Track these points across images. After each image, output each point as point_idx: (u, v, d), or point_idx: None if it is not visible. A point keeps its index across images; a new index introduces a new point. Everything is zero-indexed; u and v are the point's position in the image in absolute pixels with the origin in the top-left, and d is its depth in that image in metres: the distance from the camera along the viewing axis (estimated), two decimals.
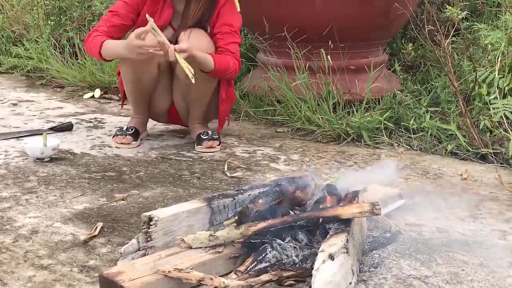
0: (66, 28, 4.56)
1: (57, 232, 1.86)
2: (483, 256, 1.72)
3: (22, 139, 2.85)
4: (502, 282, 1.57)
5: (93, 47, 2.61)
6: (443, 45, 2.94)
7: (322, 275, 1.40)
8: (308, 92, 3.09)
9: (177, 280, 1.45)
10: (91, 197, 2.16)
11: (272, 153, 2.73)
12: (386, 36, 3.51)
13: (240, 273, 1.52)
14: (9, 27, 5.09)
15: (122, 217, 1.98)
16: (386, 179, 2.16)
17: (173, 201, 2.12)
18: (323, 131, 2.96)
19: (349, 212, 1.64)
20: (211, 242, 1.57)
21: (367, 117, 2.94)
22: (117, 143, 2.77)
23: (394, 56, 3.73)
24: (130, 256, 1.61)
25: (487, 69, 2.92)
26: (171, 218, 1.64)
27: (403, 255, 1.71)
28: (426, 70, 3.55)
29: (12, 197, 2.14)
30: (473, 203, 2.13)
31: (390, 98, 3.13)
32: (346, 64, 3.15)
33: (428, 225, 1.95)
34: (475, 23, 3.42)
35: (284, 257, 1.57)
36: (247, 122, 3.29)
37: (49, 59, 4.38)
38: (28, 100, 3.80)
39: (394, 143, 2.82)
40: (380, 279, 1.57)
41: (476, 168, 2.53)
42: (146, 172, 2.45)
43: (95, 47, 2.60)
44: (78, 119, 3.31)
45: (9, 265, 1.64)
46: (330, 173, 2.43)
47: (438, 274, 1.61)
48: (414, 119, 2.89)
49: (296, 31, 3.10)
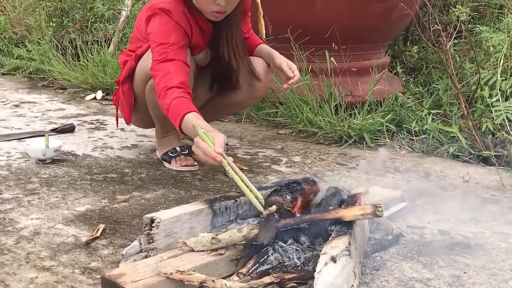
0: (68, 30, 4.57)
1: (59, 233, 1.86)
2: (485, 258, 1.72)
3: (24, 140, 2.85)
4: (504, 284, 1.57)
5: (174, 115, 2.10)
6: (445, 47, 2.93)
7: (324, 277, 1.40)
8: (310, 94, 3.09)
9: (179, 282, 1.44)
10: (93, 199, 2.16)
11: (274, 155, 2.73)
12: (388, 39, 3.51)
13: (242, 275, 1.52)
14: (11, 29, 5.09)
15: (124, 218, 1.98)
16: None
17: (175, 203, 2.12)
18: (325, 133, 2.96)
19: (351, 214, 1.64)
20: (213, 245, 1.57)
21: (369, 119, 2.94)
22: (180, 166, 2.52)
23: (396, 59, 3.73)
24: (132, 258, 1.61)
25: (489, 72, 2.92)
26: (173, 220, 1.64)
27: (405, 258, 1.71)
28: (428, 73, 3.55)
29: (14, 199, 2.14)
30: (475, 205, 2.13)
31: (392, 100, 3.13)
32: (348, 66, 3.15)
33: (430, 227, 1.94)
34: (478, 25, 3.42)
35: (286, 259, 1.57)
36: (249, 124, 3.29)
37: (51, 60, 4.38)
38: (30, 102, 3.80)
39: (396, 146, 2.82)
40: (382, 282, 1.57)
41: (478, 171, 2.53)
42: (148, 174, 2.45)
43: (176, 116, 2.09)
44: (80, 121, 3.31)
45: (11, 266, 1.64)
46: (332, 175, 2.43)
47: (440, 277, 1.60)
48: (416, 121, 2.89)
49: (298, 33, 3.11)
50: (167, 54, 2.23)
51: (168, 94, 2.14)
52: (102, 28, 4.53)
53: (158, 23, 2.29)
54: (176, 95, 2.13)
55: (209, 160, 1.87)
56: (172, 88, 2.15)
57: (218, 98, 2.66)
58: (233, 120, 3.35)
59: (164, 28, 2.28)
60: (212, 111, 2.70)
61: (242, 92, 2.59)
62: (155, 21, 2.31)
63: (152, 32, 2.30)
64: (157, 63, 2.24)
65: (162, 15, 2.28)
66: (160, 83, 2.19)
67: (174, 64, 2.22)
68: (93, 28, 4.56)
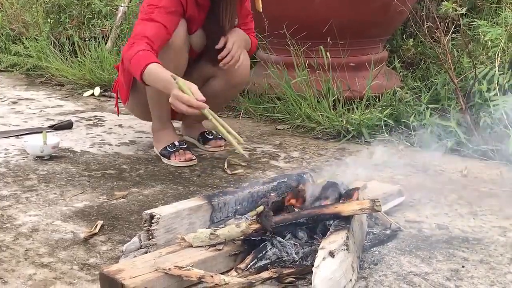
0: (66, 26, 4.56)
1: (57, 230, 1.86)
2: (483, 252, 1.72)
3: (22, 137, 2.85)
4: (502, 278, 1.57)
5: (136, 64, 2.22)
6: (442, 42, 2.93)
7: (322, 272, 1.40)
8: (308, 89, 3.09)
9: (177, 277, 1.45)
10: (91, 195, 2.16)
11: (272, 151, 2.73)
12: (386, 33, 3.51)
13: (241, 270, 1.52)
14: (8, 25, 5.08)
15: (122, 215, 1.99)
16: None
17: (173, 198, 2.12)
18: (323, 128, 2.96)
19: (349, 209, 1.64)
20: (211, 241, 1.57)
21: (367, 114, 2.94)
22: (179, 162, 2.50)
23: (394, 53, 3.73)
24: (132, 254, 1.61)
25: (487, 66, 2.91)
26: (172, 215, 1.64)
27: (403, 252, 1.71)
28: (426, 67, 3.54)
29: (12, 195, 2.14)
30: (473, 199, 2.13)
31: (390, 95, 3.13)
32: (346, 61, 3.15)
33: (428, 222, 1.95)
34: (475, 19, 3.41)
35: (284, 254, 1.58)
36: (247, 120, 3.29)
37: (49, 57, 4.38)
38: (28, 98, 3.80)
39: (394, 140, 2.82)
40: (381, 276, 1.57)
41: (476, 165, 2.53)
42: (146, 170, 2.45)
43: (137, 65, 2.21)
44: (78, 117, 3.31)
45: (10, 263, 1.64)
46: (331, 170, 2.43)
47: (439, 271, 1.61)
48: (414, 116, 2.89)
49: (295, 28, 3.10)
50: (151, 14, 2.32)
51: (135, 46, 2.24)
52: (100, 24, 4.52)
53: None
54: (142, 48, 2.23)
55: (193, 111, 2.05)
56: (141, 44, 2.25)
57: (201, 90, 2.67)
58: (232, 115, 3.35)
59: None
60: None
61: (220, 80, 2.60)
62: None
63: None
64: (140, 21, 2.34)
65: None
66: (133, 37, 2.30)
67: (153, 27, 2.30)
68: (91, 25, 4.55)
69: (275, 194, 1.78)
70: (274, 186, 1.85)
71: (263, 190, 1.84)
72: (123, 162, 2.54)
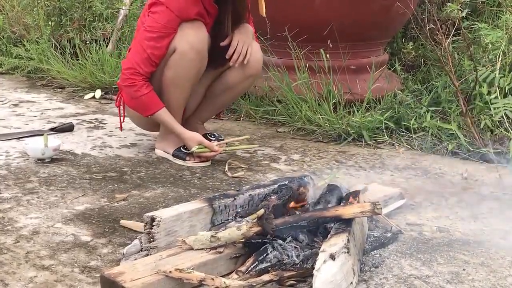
0: (67, 29, 4.56)
1: (58, 232, 1.86)
2: (484, 255, 1.72)
3: (23, 139, 2.85)
4: (503, 281, 1.57)
5: (142, 107, 2.49)
6: (443, 44, 2.93)
7: (323, 275, 1.40)
8: (309, 92, 3.09)
9: (178, 280, 1.45)
10: (92, 198, 2.16)
11: (272, 153, 2.73)
12: (387, 36, 3.51)
13: (241, 273, 1.52)
14: (9, 28, 5.09)
15: (123, 217, 1.98)
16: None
17: (174, 201, 2.12)
18: (324, 131, 2.96)
19: (350, 211, 1.64)
20: (212, 244, 1.57)
21: (367, 117, 2.94)
22: (195, 163, 2.54)
23: (395, 56, 3.73)
24: (133, 256, 1.61)
25: (487, 69, 2.92)
26: (173, 218, 1.64)
27: (404, 255, 1.71)
28: (427, 70, 3.55)
29: (13, 198, 2.14)
30: (474, 202, 2.13)
31: (390, 97, 3.13)
32: (346, 63, 3.15)
33: (429, 224, 1.95)
34: (476, 22, 3.42)
35: (285, 257, 1.58)
36: (247, 122, 3.29)
37: (50, 59, 4.38)
38: (29, 101, 3.80)
39: (395, 143, 2.82)
40: (381, 279, 1.57)
41: (477, 168, 2.53)
42: (147, 172, 2.45)
43: (144, 108, 2.49)
44: (79, 120, 3.31)
45: (11, 265, 1.64)
46: (331, 173, 2.43)
47: (439, 274, 1.61)
48: (414, 118, 2.89)
49: (296, 31, 3.10)
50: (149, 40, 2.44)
51: (136, 87, 2.44)
52: (101, 27, 4.52)
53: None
54: (144, 92, 2.44)
55: (214, 156, 2.54)
56: (140, 80, 2.44)
57: (215, 84, 2.71)
58: (232, 118, 3.35)
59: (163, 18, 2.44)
60: (210, 102, 2.74)
61: (235, 71, 2.63)
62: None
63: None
64: (139, 44, 2.47)
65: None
66: (130, 68, 2.45)
67: (148, 58, 2.44)
68: (92, 27, 4.55)
69: (276, 197, 1.78)
70: (275, 188, 1.85)
71: (263, 193, 1.84)
72: (124, 164, 2.55)
